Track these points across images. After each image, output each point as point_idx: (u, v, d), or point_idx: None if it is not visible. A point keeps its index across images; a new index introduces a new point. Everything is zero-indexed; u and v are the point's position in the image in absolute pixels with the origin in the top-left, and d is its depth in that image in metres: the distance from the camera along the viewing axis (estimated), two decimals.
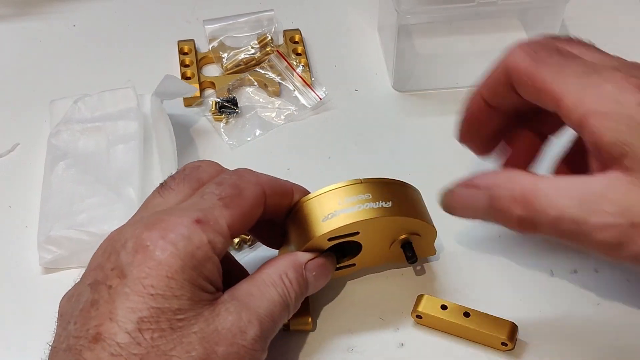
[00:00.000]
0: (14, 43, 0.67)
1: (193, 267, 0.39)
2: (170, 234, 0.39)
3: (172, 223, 0.40)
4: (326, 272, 0.47)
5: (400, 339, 0.49)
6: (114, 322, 0.37)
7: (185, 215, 0.40)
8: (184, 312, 0.38)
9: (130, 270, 0.38)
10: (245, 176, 0.44)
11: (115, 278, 0.38)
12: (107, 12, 0.69)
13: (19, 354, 0.49)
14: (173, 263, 0.38)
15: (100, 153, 0.55)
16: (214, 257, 0.40)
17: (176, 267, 0.38)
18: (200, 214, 0.40)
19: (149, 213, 0.42)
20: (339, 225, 0.46)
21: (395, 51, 0.61)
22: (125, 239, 0.40)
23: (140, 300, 0.37)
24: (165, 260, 0.38)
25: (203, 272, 0.39)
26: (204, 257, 0.40)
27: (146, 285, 0.38)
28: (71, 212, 0.52)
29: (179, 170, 0.45)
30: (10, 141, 0.59)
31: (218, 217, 0.41)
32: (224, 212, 0.41)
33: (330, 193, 0.47)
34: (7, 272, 0.52)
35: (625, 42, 0.67)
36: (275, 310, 0.42)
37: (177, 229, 0.39)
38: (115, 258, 0.39)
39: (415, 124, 0.61)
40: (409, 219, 0.47)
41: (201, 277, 0.39)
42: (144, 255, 0.38)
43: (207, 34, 0.66)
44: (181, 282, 0.38)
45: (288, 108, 0.62)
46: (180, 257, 0.39)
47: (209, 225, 0.40)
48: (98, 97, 0.57)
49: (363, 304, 0.51)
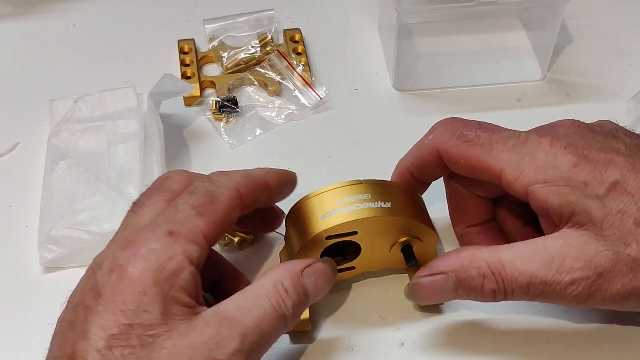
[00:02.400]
0: (14, 42, 0.67)
1: (166, 279, 0.39)
2: (142, 249, 0.39)
3: (145, 239, 0.40)
4: (326, 278, 0.45)
5: (401, 339, 0.49)
6: (86, 340, 0.37)
7: (158, 229, 0.40)
8: (155, 327, 0.38)
9: (105, 289, 0.38)
10: (218, 180, 0.44)
11: (91, 298, 0.39)
12: (107, 11, 0.69)
13: (20, 353, 0.49)
14: (145, 277, 0.38)
15: (100, 152, 0.55)
16: (190, 267, 0.40)
17: (148, 281, 0.38)
18: (173, 226, 0.40)
19: (126, 231, 0.42)
20: (336, 224, 0.46)
21: (396, 50, 0.61)
22: (102, 260, 0.40)
23: (111, 318, 0.38)
24: (137, 276, 0.38)
25: (177, 283, 0.39)
26: (178, 268, 0.39)
27: (118, 302, 0.38)
28: (72, 212, 0.52)
29: (149, 186, 0.45)
30: (10, 140, 0.59)
31: (193, 226, 0.41)
32: (198, 221, 0.41)
33: (329, 192, 0.47)
34: (7, 272, 0.52)
35: (625, 42, 0.67)
36: (265, 322, 0.40)
37: (149, 244, 0.39)
38: (93, 280, 0.39)
39: (415, 124, 0.61)
40: (408, 220, 0.47)
41: (175, 288, 0.39)
42: (118, 274, 0.39)
43: (207, 33, 0.65)
44: (153, 296, 0.38)
45: (288, 107, 0.62)
46: (151, 271, 0.39)
47: (182, 235, 0.40)
48: (98, 97, 0.57)
49: (363, 303, 0.51)
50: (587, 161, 0.43)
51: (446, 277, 0.45)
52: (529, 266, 0.43)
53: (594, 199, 0.43)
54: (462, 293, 0.45)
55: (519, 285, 0.43)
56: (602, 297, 0.43)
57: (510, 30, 0.67)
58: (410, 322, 0.50)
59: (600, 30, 0.68)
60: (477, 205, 0.50)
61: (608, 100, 0.63)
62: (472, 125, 0.47)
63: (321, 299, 0.50)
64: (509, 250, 0.44)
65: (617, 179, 0.43)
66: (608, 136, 0.46)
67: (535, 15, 0.65)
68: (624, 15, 0.69)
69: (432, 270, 0.46)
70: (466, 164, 0.46)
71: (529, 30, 0.67)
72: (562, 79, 0.64)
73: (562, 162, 0.44)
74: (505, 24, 0.68)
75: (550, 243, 0.43)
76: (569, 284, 0.42)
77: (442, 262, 0.46)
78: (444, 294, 0.46)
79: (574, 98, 0.63)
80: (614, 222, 0.42)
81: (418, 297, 0.48)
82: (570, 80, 0.64)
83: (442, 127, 0.47)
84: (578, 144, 0.44)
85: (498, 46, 0.67)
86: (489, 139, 0.46)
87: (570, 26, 0.67)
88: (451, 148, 0.46)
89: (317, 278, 0.44)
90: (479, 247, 0.45)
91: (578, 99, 0.63)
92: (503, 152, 0.45)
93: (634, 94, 0.61)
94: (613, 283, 0.42)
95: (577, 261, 0.42)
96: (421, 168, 0.49)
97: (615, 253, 0.42)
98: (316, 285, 0.44)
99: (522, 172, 0.44)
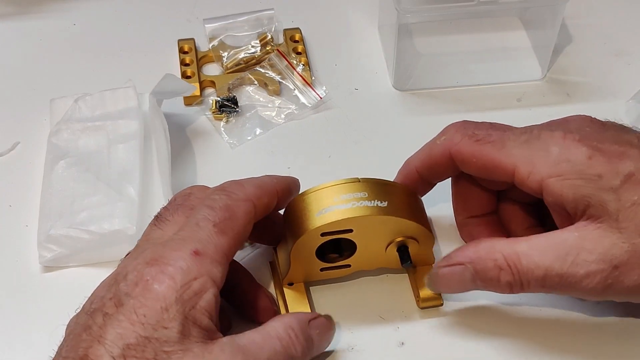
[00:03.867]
0: (14, 42, 0.67)
1: (189, 299, 0.39)
2: (169, 267, 0.40)
3: (171, 257, 0.40)
4: (328, 333, 0.46)
5: (401, 338, 0.49)
6: (101, 345, 0.38)
7: (184, 247, 0.41)
8: (171, 345, 0.38)
9: (128, 300, 0.39)
10: (234, 193, 0.44)
11: (112, 306, 0.39)
12: (107, 10, 0.69)
13: (20, 352, 0.48)
14: (169, 295, 0.39)
15: (100, 152, 0.55)
16: (213, 288, 0.40)
17: (171, 299, 0.39)
18: (198, 246, 0.41)
19: (150, 245, 0.42)
20: (331, 220, 0.46)
21: (396, 50, 0.61)
22: (127, 272, 0.40)
23: (129, 328, 0.38)
24: (162, 292, 0.39)
25: (199, 304, 0.40)
26: (201, 289, 0.40)
27: (139, 314, 0.38)
28: (72, 211, 0.52)
29: (170, 201, 0.46)
30: (10, 140, 0.59)
31: (216, 246, 0.42)
32: (220, 240, 0.42)
33: (327, 189, 0.47)
34: (7, 271, 0.52)
35: (625, 42, 0.67)
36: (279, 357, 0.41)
37: (176, 263, 0.40)
38: (116, 289, 0.40)
39: (415, 123, 0.61)
40: (403, 220, 0.47)
41: (197, 309, 0.39)
42: (143, 288, 0.39)
43: (208, 32, 0.65)
44: (174, 314, 0.39)
45: (288, 107, 0.62)
46: (176, 289, 0.39)
47: (208, 256, 0.41)
48: (98, 96, 0.57)
49: (363, 303, 0.51)
50: (601, 153, 0.43)
51: (464, 269, 0.45)
52: (544, 259, 0.43)
53: (609, 192, 0.43)
54: (479, 284, 0.45)
55: (535, 277, 0.43)
56: (619, 290, 0.43)
57: (510, 29, 0.67)
58: (410, 321, 0.50)
59: (600, 30, 0.68)
60: (481, 197, 0.50)
61: (608, 100, 0.63)
62: (483, 125, 0.47)
63: (321, 298, 0.51)
64: (526, 243, 0.44)
65: (631, 171, 0.43)
66: (620, 129, 0.46)
67: (535, 14, 0.65)
68: (624, 15, 0.69)
69: (450, 261, 0.46)
70: (478, 163, 0.46)
71: (529, 30, 0.67)
72: (562, 79, 0.64)
73: (575, 155, 0.44)
74: (505, 23, 0.68)
75: (566, 236, 0.44)
76: (585, 277, 0.42)
77: (461, 253, 0.46)
78: (462, 285, 0.46)
79: (573, 98, 0.63)
80: (629, 214, 0.42)
81: (438, 287, 0.48)
82: (570, 80, 0.64)
83: (454, 128, 0.48)
84: (591, 137, 0.44)
85: (498, 46, 0.67)
86: (500, 137, 0.46)
87: (570, 26, 0.67)
88: (463, 148, 0.46)
89: (322, 331, 0.45)
90: (497, 239, 0.46)
91: (578, 98, 0.63)
92: (515, 147, 0.45)
93: (633, 93, 0.61)
94: (629, 275, 0.42)
95: (592, 254, 0.42)
96: (431, 169, 0.49)
97: (631, 245, 0.42)
98: (320, 337, 0.45)
99: (535, 166, 0.44)
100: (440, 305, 0.50)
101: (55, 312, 0.42)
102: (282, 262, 0.50)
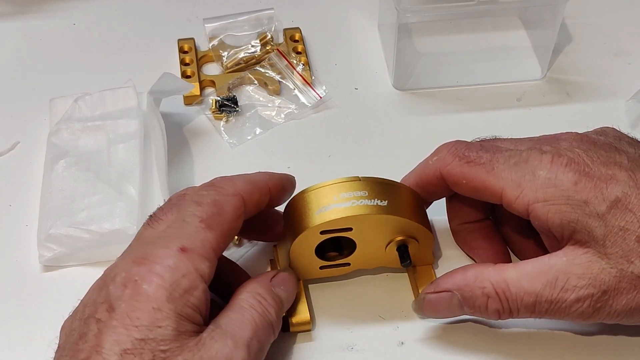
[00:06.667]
0: (14, 41, 0.67)
1: (180, 296, 0.39)
2: (157, 266, 0.40)
3: (158, 255, 0.40)
4: (292, 285, 0.47)
5: (401, 338, 0.49)
6: (99, 354, 0.38)
7: (170, 244, 0.41)
8: (168, 343, 0.38)
9: (119, 304, 0.39)
10: (222, 188, 0.44)
11: (104, 312, 0.39)
12: (107, 10, 0.69)
13: (20, 352, 0.49)
14: (159, 294, 0.39)
15: (100, 152, 0.55)
16: (202, 284, 0.40)
17: (162, 298, 0.39)
18: (185, 242, 0.41)
19: (139, 245, 0.43)
20: (330, 219, 0.46)
21: (396, 50, 0.61)
22: (115, 273, 0.40)
23: (124, 333, 0.38)
24: (152, 293, 0.39)
25: (190, 301, 0.40)
26: (191, 285, 0.40)
27: (132, 317, 0.38)
28: (72, 210, 0.52)
29: (166, 201, 0.45)
30: (10, 140, 0.59)
31: (203, 241, 0.41)
32: (207, 235, 0.42)
33: (327, 187, 0.47)
34: (7, 271, 0.52)
35: (625, 42, 0.67)
36: (260, 332, 0.42)
37: (163, 261, 0.40)
38: (106, 292, 0.40)
39: (415, 123, 0.61)
40: (403, 219, 0.47)
41: (188, 306, 0.40)
42: (133, 290, 0.39)
43: (207, 32, 0.65)
44: (167, 312, 0.39)
45: (288, 107, 0.62)
46: (165, 288, 0.39)
47: (195, 252, 0.41)
48: (98, 96, 0.57)
49: (363, 302, 0.51)
50: (588, 178, 0.44)
51: (451, 295, 0.46)
52: (534, 285, 0.43)
53: (595, 217, 0.43)
54: (467, 311, 0.46)
55: (525, 304, 0.44)
56: (607, 313, 0.43)
57: (510, 29, 0.67)
58: (409, 321, 0.50)
59: (600, 30, 0.68)
60: (474, 205, 0.50)
61: (608, 100, 0.63)
62: (474, 146, 0.47)
63: (321, 297, 0.51)
64: (514, 270, 0.45)
65: (618, 197, 0.43)
66: (611, 149, 0.46)
67: (535, 14, 0.65)
68: (624, 15, 0.69)
69: (437, 288, 0.47)
70: (468, 185, 0.47)
71: (529, 30, 0.67)
72: (562, 78, 0.64)
73: (562, 180, 0.44)
74: (505, 23, 0.68)
75: (555, 261, 0.44)
76: (575, 302, 0.43)
77: (448, 280, 0.46)
78: (450, 311, 0.47)
79: (573, 97, 0.63)
80: (616, 240, 0.43)
81: (425, 312, 0.49)
82: (570, 80, 0.64)
83: (446, 149, 0.48)
84: (579, 161, 0.44)
85: (498, 45, 0.67)
86: (490, 159, 0.46)
87: (570, 25, 0.67)
88: (453, 169, 0.47)
89: (285, 285, 0.46)
90: (485, 266, 0.46)
91: (578, 98, 0.63)
92: (504, 171, 0.45)
93: (633, 93, 0.61)
94: (618, 300, 0.43)
95: (581, 279, 0.43)
96: (424, 188, 0.49)
97: (619, 271, 0.42)
98: (286, 292, 0.46)
99: (523, 190, 0.44)
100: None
101: (55, 311, 0.42)
102: (281, 259, 0.50)
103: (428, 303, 0.47)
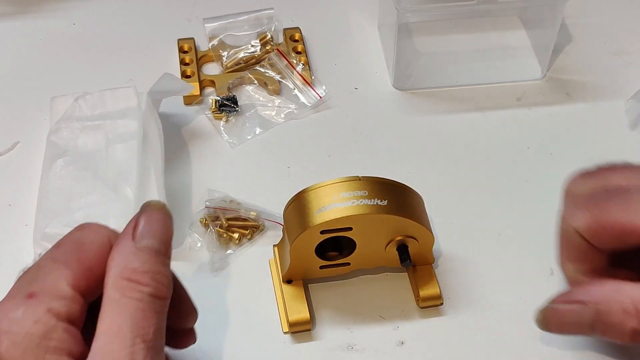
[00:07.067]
0: (14, 41, 0.67)
1: (37, 346, 0.36)
2: (3, 322, 0.36)
3: (4, 309, 0.37)
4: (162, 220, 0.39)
5: (400, 337, 0.49)
6: None
7: (17, 294, 0.37)
8: None
9: None
10: (87, 226, 0.40)
11: None
12: (107, 10, 0.69)
13: None
14: (13, 352, 0.36)
15: (99, 151, 0.55)
16: (60, 323, 0.36)
17: (17, 354, 0.36)
18: (33, 287, 0.37)
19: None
20: (330, 218, 0.46)
21: (396, 49, 0.61)
22: None
23: None
24: (5, 353, 0.36)
25: (50, 345, 0.36)
26: (46, 330, 0.36)
27: None
28: (68, 210, 0.52)
29: None
30: (10, 139, 0.59)
31: (54, 280, 0.37)
32: (62, 273, 0.37)
33: (327, 187, 0.47)
34: (6, 271, 0.52)
35: (625, 41, 0.67)
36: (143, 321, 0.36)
37: (9, 314, 0.36)
38: None
39: (415, 123, 0.61)
40: (403, 219, 0.47)
41: (49, 352, 0.36)
42: None
43: (207, 32, 0.65)
44: None
45: (288, 106, 0.62)
46: (17, 343, 0.36)
47: (44, 294, 0.37)
48: (99, 96, 0.57)
49: (363, 302, 0.51)
50: None
51: (584, 308, 0.42)
52: None
53: None
54: (598, 328, 0.42)
55: None
56: None
57: (510, 29, 0.67)
58: (409, 321, 0.50)
59: (600, 30, 0.68)
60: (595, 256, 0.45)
61: (608, 100, 0.63)
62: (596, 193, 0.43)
63: (321, 297, 0.50)
64: None
65: None
66: None
67: (535, 14, 0.65)
68: (624, 15, 0.69)
69: (570, 298, 0.43)
70: (611, 235, 0.42)
71: (529, 29, 0.67)
72: (562, 78, 0.64)
73: None
74: (505, 23, 0.68)
75: None
76: None
77: (583, 291, 0.43)
78: (578, 327, 0.43)
79: (573, 97, 0.63)
80: None
81: (549, 324, 0.45)
82: (570, 80, 0.64)
83: (571, 207, 0.44)
84: None
85: (498, 45, 0.67)
86: (621, 202, 0.42)
87: (570, 25, 0.67)
88: (588, 223, 0.42)
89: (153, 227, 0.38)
90: (626, 282, 0.42)
91: (578, 98, 0.63)
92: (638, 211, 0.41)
93: (633, 93, 0.61)
94: None
95: None
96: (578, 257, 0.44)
97: None
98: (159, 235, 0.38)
99: None
100: (440, 305, 0.50)
101: None
102: (281, 259, 0.50)
103: (557, 313, 0.43)
